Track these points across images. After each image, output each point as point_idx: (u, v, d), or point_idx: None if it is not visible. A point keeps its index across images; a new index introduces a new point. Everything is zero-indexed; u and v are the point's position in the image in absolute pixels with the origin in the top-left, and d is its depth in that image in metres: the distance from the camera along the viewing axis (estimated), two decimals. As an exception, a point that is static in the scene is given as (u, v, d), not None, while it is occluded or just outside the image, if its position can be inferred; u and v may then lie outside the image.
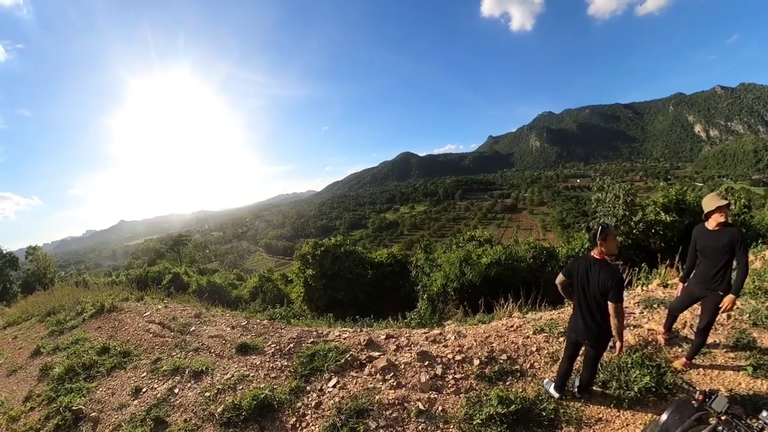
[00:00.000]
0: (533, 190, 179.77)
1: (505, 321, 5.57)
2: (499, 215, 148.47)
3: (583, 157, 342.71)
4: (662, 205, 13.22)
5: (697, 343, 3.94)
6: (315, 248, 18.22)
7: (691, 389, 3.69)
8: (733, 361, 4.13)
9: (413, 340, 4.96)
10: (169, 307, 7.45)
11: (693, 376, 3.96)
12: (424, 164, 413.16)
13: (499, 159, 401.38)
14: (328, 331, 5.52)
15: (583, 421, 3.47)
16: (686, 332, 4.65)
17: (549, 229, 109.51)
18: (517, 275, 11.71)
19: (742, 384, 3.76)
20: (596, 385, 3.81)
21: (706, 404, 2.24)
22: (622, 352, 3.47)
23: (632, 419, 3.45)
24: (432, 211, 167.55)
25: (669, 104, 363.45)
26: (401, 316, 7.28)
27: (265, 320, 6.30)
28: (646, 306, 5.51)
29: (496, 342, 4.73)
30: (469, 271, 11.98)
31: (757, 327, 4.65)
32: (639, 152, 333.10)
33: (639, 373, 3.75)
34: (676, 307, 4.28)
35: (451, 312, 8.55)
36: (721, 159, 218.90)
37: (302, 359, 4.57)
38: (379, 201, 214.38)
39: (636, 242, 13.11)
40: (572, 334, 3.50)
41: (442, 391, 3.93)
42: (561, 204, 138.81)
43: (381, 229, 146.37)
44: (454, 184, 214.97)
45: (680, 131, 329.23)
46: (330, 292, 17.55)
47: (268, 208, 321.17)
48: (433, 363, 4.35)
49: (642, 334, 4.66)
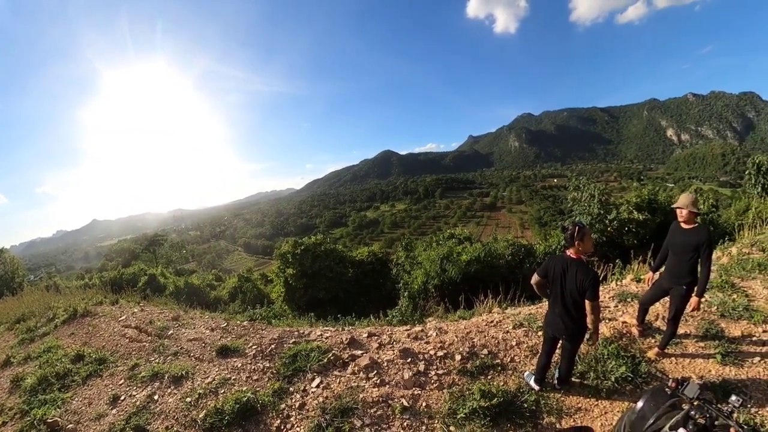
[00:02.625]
0: (512, 189, 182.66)
1: (486, 317, 5.65)
2: (479, 213, 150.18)
3: (561, 157, 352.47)
4: (635, 204, 13.82)
5: (669, 334, 4.14)
6: (295, 247, 17.98)
7: (665, 377, 3.85)
8: (703, 349, 4.34)
9: (395, 338, 4.96)
10: (146, 310, 7.21)
11: (666, 365, 4.13)
12: (404, 163, 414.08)
13: (479, 158, 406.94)
14: (310, 330, 5.46)
15: (563, 411, 3.58)
16: (658, 324, 4.84)
17: (527, 226, 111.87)
18: (497, 272, 11.92)
19: (712, 371, 3.97)
20: (575, 377, 3.94)
21: (679, 391, 2.33)
22: (597, 345, 3.69)
23: (610, 407, 3.58)
24: (412, 209, 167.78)
25: (643, 109, 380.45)
26: (383, 313, 7.27)
27: (246, 321, 6.20)
28: (621, 300, 5.71)
29: (477, 337, 4.79)
30: (450, 268, 12.13)
31: (725, 318, 4.90)
32: (614, 154, 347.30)
33: (615, 364, 3.92)
34: (648, 300, 4.49)
35: (432, 309, 8.62)
36: (691, 162, 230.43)
37: (284, 360, 4.50)
38: (359, 199, 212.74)
39: (610, 239, 13.60)
40: (549, 329, 3.58)
41: (426, 387, 3.95)
42: (539, 203, 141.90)
43: (361, 227, 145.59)
44: (434, 182, 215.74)
45: (653, 135, 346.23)
46: (311, 292, 17.40)
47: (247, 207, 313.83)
48: (415, 360, 4.37)
49: (617, 327, 4.82)
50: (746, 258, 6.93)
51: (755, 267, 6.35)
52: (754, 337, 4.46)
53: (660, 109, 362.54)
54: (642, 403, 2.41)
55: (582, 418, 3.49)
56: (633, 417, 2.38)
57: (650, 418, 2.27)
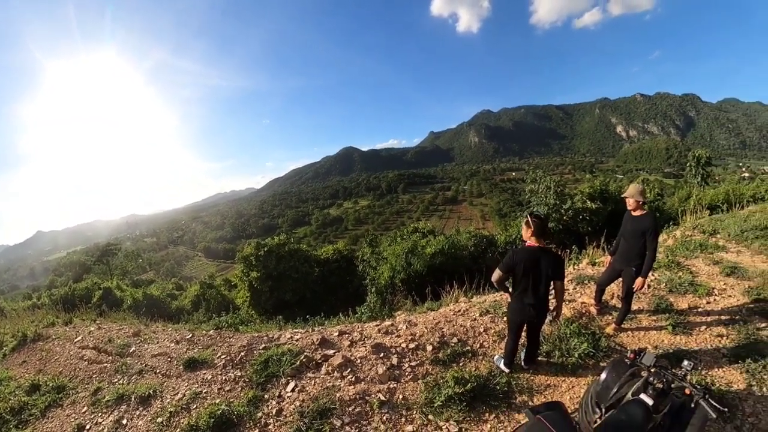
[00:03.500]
0: (472, 183, 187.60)
1: (453, 306, 5.76)
2: (441, 207, 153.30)
3: (518, 152, 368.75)
4: (588, 194, 14.80)
5: (624, 310, 4.49)
6: (258, 249, 17.52)
7: (623, 350, 4.16)
8: (656, 322, 4.76)
9: (366, 334, 4.95)
10: (103, 327, 6.68)
11: (623, 339, 4.49)
12: (367, 159, 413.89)
13: (440, 154, 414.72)
14: (280, 334, 5.31)
15: (534, 389, 3.77)
16: (614, 302, 5.20)
17: (488, 218, 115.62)
18: (461, 263, 12.20)
19: (665, 341, 4.38)
20: (541, 356, 4.16)
21: (637, 361, 2.54)
22: (559, 323, 4.06)
23: (576, 382, 3.82)
24: (375, 205, 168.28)
25: (595, 107, 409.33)
26: (352, 311, 7.23)
27: (212, 330, 5.88)
28: (578, 282, 6.05)
29: (446, 327, 4.88)
30: (415, 262, 12.30)
31: (673, 293, 5.41)
32: (568, 148, 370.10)
33: (577, 342, 4.18)
34: (603, 281, 4.83)
35: (400, 303, 8.69)
36: (639, 155, 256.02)
37: (256, 367, 4.35)
38: (322, 197, 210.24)
39: (566, 227, 14.37)
40: (518, 317, 3.69)
41: (401, 379, 3.98)
42: (498, 195, 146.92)
43: (325, 225, 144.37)
44: (396, 178, 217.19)
45: (604, 131, 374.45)
46: (277, 294, 17.03)
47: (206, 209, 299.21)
48: (388, 354, 4.38)
49: (576, 307, 5.14)
50: (689, 240, 7.66)
51: (697, 247, 7.06)
52: (700, 309, 4.96)
53: (611, 107, 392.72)
54: (605, 374, 2.59)
55: (552, 394, 3.69)
56: (598, 388, 2.55)
57: (614, 388, 2.45)
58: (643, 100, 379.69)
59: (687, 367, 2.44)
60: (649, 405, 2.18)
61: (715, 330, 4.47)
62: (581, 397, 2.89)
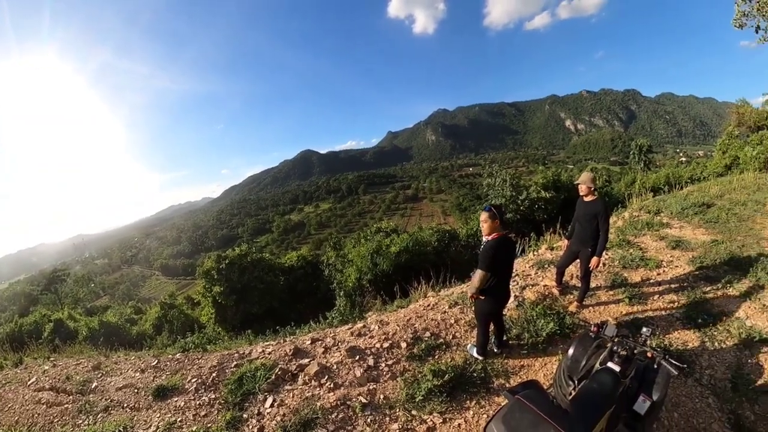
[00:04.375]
0: (431, 180, 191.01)
1: (422, 302, 5.83)
2: (402, 205, 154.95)
3: (474, 148, 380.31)
4: (542, 184, 15.62)
5: (583, 289, 4.81)
6: (219, 262, 16.85)
7: (587, 325, 4.37)
8: (614, 296, 5.15)
9: (339, 338, 4.88)
10: (59, 365, 6.03)
11: (586, 315, 4.80)
12: (325, 161, 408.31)
13: (399, 153, 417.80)
14: (251, 349, 5.12)
15: (509, 371, 3.92)
16: (574, 282, 5.50)
17: (448, 213, 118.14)
18: (426, 258, 12.40)
19: (624, 312, 4.77)
20: (512, 339, 4.34)
21: (601, 333, 2.74)
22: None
23: (547, 359, 4.03)
24: (337, 207, 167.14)
25: (545, 104, 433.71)
26: (322, 317, 7.12)
27: (178, 354, 5.54)
28: (539, 267, 6.34)
29: (418, 322, 4.93)
30: (381, 261, 12.35)
31: (626, 269, 5.91)
32: (521, 143, 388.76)
33: (544, 322, 4.38)
34: (562, 263, 5.14)
35: (370, 303, 8.70)
36: (587, 146, 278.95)
37: (230, 387, 4.15)
38: (282, 202, 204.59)
39: (524, 217, 15.03)
40: (493, 309, 3.80)
41: (379, 380, 3.97)
42: (457, 190, 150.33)
43: (287, 231, 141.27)
44: (356, 179, 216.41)
45: (554, 125, 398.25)
46: (243, 307, 16.47)
47: (160, 223, 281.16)
48: (363, 356, 4.35)
49: (540, 291, 5.40)
50: (637, 220, 8.34)
51: (644, 226, 7.74)
52: (651, 280, 5.47)
53: (559, 103, 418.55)
54: (573, 349, 2.76)
55: (526, 374, 3.86)
56: (568, 362, 2.72)
57: (582, 360, 2.64)
58: (589, 96, 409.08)
59: (646, 333, 2.69)
60: (617, 371, 2.38)
61: (667, 297, 4.94)
62: (554, 373, 3.06)
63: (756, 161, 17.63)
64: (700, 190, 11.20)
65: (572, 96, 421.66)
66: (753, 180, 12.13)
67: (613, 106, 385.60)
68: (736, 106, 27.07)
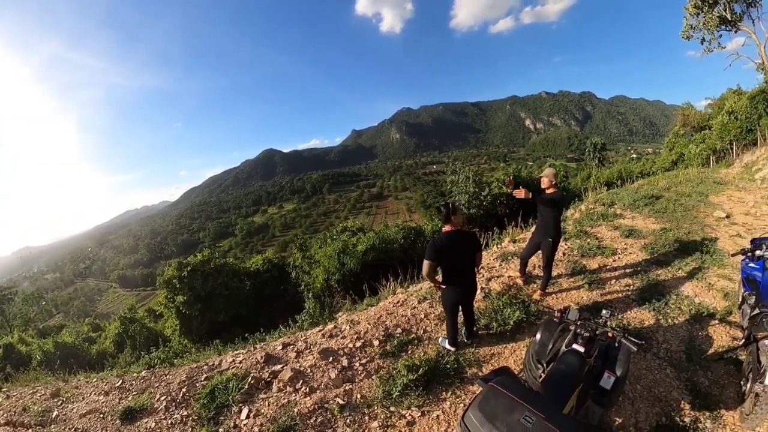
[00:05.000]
0: (396, 178, 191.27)
1: (391, 299, 5.88)
2: (368, 204, 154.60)
3: (438, 146, 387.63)
4: (503, 180, 16.21)
5: (546, 277, 5.07)
6: (180, 270, 16.08)
7: (551, 311, 4.66)
8: (574, 283, 5.47)
9: (311, 341, 4.83)
10: (13, 395, 5.48)
11: (549, 301, 5.07)
12: (289, 160, 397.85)
13: (363, 151, 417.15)
14: (220, 359, 4.94)
15: (480, 360, 4.05)
16: (537, 272, 5.76)
17: (413, 210, 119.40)
18: (393, 256, 12.47)
19: (584, 297, 5.09)
20: (481, 330, 4.49)
21: (565, 318, 2.91)
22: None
23: (516, 346, 4.21)
24: (302, 208, 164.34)
25: (507, 104, 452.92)
26: (292, 320, 7.00)
27: (144, 371, 5.22)
28: (503, 259, 6.60)
29: (389, 319, 4.98)
30: (348, 261, 12.32)
31: (585, 257, 6.31)
32: (483, 141, 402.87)
33: (510, 311, 4.58)
34: (526, 254, 5.39)
35: (339, 304, 8.65)
36: (545, 144, 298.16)
37: (202, 401, 3.97)
38: (244, 204, 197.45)
39: (486, 212, 15.52)
40: (453, 299, 3.94)
41: (355, 379, 3.96)
42: (421, 188, 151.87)
43: (251, 234, 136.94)
44: (321, 178, 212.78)
45: (515, 124, 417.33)
46: (209, 316, 15.85)
47: (114, 230, 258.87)
48: (337, 357, 4.32)
49: (505, 281, 5.62)
50: (592, 211, 8.91)
51: (599, 217, 8.31)
52: (608, 267, 5.89)
53: (520, 103, 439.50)
54: (539, 334, 2.93)
55: (497, 361, 4.01)
56: (536, 347, 2.89)
57: (549, 344, 2.82)
58: (548, 97, 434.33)
59: (606, 315, 2.89)
60: (582, 352, 2.55)
61: (623, 281, 5.36)
62: (523, 358, 3.21)
63: (699, 157, 20.02)
64: (650, 184, 12.36)
65: (532, 97, 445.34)
66: (696, 174, 13.60)
67: (570, 107, 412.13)
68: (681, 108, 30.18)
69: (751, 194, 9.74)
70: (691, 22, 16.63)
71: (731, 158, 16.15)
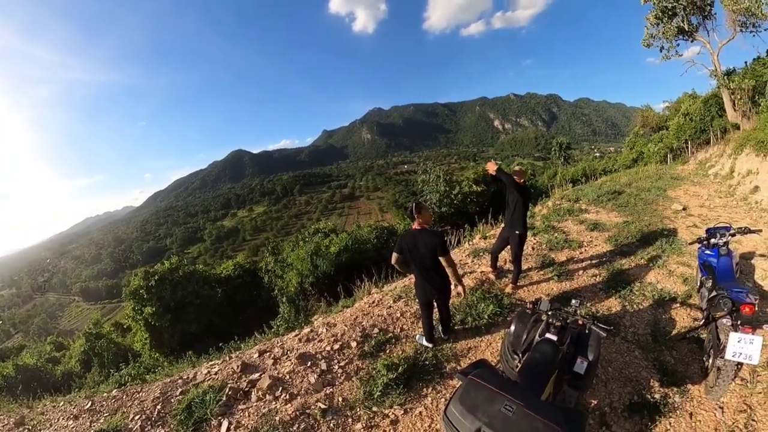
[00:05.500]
0: (368, 178, 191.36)
1: (367, 299, 5.87)
2: (339, 205, 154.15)
3: (409, 146, 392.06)
4: (473, 179, 16.75)
5: (516, 271, 5.25)
6: (147, 279, 15.43)
7: (523, 303, 4.78)
8: (544, 276, 5.70)
9: (288, 347, 4.73)
10: None
11: (521, 294, 5.26)
12: (258, 162, 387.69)
13: (334, 152, 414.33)
14: (195, 371, 4.76)
15: (458, 354, 4.14)
16: (508, 266, 5.94)
17: (386, 210, 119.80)
18: (366, 256, 12.55)
19: (554, 288, 5.32)
20: (457, 325, 4.58)
21: (537, 308, 3.03)
22: (466, 292, 4.58)
23: (492, 339, 4.33)
24: (272, 210, 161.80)
25: (476, 105, 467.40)
26: (267, 326, 6.88)
27: (114, 390, 4.92)
28: (475, 255, 6.78)
29: (365, 320, 4.98)
30: (321, 263, 12.27)
31: (553, 250, 6.59)
32: (453, 141, 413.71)
33: (484, 305, 4.72)
34: (495, 249, 5.58)
35: (314, 307, 8.58)
36: (513, 144, 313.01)
37: (179, 417, 3.80)
38: (213, 208, 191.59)
39: (457, 210, 15.86)
40: (422, 296, 4.06)
41: (335, 383, 3.92)
42: (393, 187, 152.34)
43: (220, 239, 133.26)
44: (291, 179, 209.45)
45: (484, 125, 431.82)
46: (180, 327, 15.29)
47: (75, 239, 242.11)
48: (315, 361, 4.27)
49: (477, 277, 5.78)
50: (559, 207, 9.30)
51: (566, 212, 8.70)
52: (575, 258, 6.20)
53: (489, 105, 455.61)
54: (513, 326, 3.05)
55: (475, 355, 4.11)
56: (511, 338, 3.01)
57: (523, 335, 2.94)
58: (516, 99, 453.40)
59: (575, 304, 3.05)
60: (555, 340, 2.69)
61: (590, 272, 5.66)
62: (500, 350, 3.31)
63: (657, 155, 21.89)
64: (612, 180, 13.19)
65: (501, 98, 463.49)
66: (655, 171, 14.71)
67: (537, 109, 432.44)
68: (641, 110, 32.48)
69: (705, 188, 10.64)
70: (651, 32, 18.05)
71: (687, 156, 17.49)
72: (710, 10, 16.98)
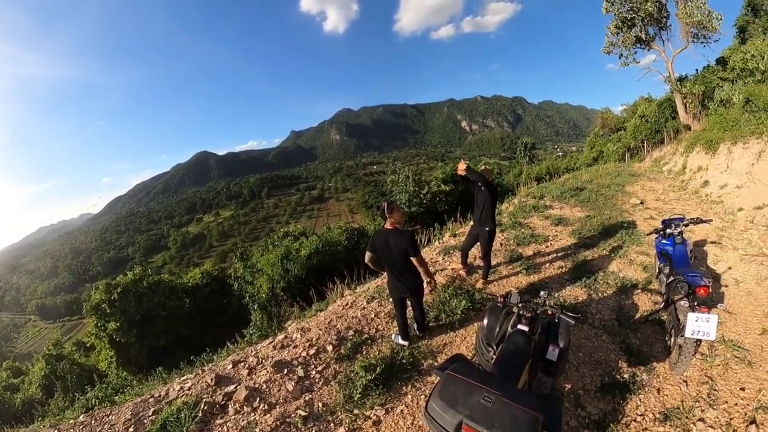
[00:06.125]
0: (337, 180, 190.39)
1: (340, 302, 5.88)
2: (309, 207, 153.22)
3: (378, 147, 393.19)
4: (442, 179, 17.09)
5: (486, 267, 5.43)
6: (109, 292, 14.62)
7: (494, 297, 5.00)
8: (513, 270, 5.93)
9: (262, 355, 4.65)
10: None
11: (492, 288, 5.43)
12: (224, 164, 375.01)
13: (303, 153, 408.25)
14: (166, 388, 4.57)
15: (434, 351, 4.22)
16: (478, 263, 6.11)
17: (355, 211, 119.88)
18: (338, 258, 12.53)
19: (523, 281, 5.55)
20: (431, 321, 4.68)
21: (507, 302, 3.14)
22: (437, 287, 4.76)
23: (466, 333, 4.45)
24: (240, 214, 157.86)
25: (444, 106, 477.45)
26: (239, 335, 6.71)
27: (81, 416, 4.62)
28: (446, 253, 6.94)
29: (339, 323, 4.98)
30: (292, 267, 12.13)
31: (520, 245, 6.88)
32: (422, 142, 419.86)
33: (457, 301, 4.83)
34: (465, 246, 5.73)
35: (287, 312, 8.40)
36: (480, 144, 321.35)
37: None
38: (177, 213, 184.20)
39: (427, 209, 16.12)
40: (395, 294, 4.15)
41: (313, 388, 3.89)
42: (363, 188, 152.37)
43: (186, 246, 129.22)
44: (259, 182, 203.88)
45: (452, 126, 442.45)
46: (148, 342, 14.62)
47: (28, 252, 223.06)
48: (292, 368, 4.21)
49: (449, 274, 5.93)
50: (525, 204, 9.70)
51: (531, 209, 9.08)
52: (542, 252, 6.51)
53: (457, 106, 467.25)
54: (486, 320, 3.17)
55: (450, 350, 4.20)
56: (484, 332, 3.13)
57: (496, 328, 3.06)
58: (483, 101, 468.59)
59: (544, 296, 3.20)
60: (526, 331, 2.81)
61: (556, 264, 5.95)
62: (474, 344, 3.41)
63: (616, 154, 23.96)
64: (575, 178, 13.95)
65: (468, 100, 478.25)
66: (614, 168, 15.95)
67: (503, 110, 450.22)
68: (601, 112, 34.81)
69: (660, 184, 11.53)
70: (611, 40, 19.59)
71: (643, 154, 18.99)
72: (666, 22, 18.65)
